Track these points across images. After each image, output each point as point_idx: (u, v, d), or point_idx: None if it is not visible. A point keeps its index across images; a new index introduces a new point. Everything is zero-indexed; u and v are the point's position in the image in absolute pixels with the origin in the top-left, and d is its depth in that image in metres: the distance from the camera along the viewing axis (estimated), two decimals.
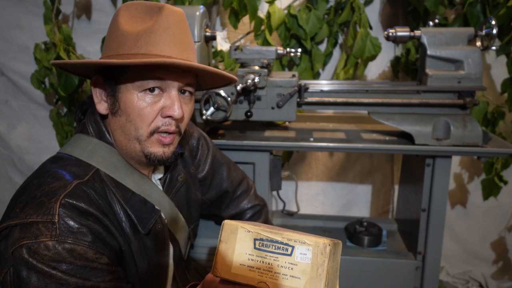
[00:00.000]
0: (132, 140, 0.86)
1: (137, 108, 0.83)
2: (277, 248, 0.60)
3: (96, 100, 0.88)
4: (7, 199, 2.59)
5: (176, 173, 1.04)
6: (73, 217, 0.75)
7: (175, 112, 0.83)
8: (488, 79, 1.97)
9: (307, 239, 0.58)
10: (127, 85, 0.83)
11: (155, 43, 0.81)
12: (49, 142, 2.26)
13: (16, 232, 0.73)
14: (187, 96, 0.89)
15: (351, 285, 1.54)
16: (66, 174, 0.81)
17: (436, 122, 1.36)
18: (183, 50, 0.84)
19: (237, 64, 1.46)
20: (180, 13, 0.85)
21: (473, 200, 2.18)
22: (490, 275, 2.25)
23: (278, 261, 0.59)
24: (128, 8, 0.85)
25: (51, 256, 0.71)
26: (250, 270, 0.60)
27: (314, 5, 1.83)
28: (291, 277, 0.58)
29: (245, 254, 0.61)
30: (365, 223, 1.63)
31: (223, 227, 0.63)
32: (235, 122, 1.60)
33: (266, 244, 0.60)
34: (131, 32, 0.82)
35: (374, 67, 2.02)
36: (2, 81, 2.22)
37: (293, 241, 0.59)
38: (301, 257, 0.58)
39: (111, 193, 0.85)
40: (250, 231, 0.61)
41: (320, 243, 0.58)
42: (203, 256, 1.31)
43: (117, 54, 0.82)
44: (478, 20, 1.67)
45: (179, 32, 0.84)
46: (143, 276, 0.90)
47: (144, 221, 0.89)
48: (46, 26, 1.80)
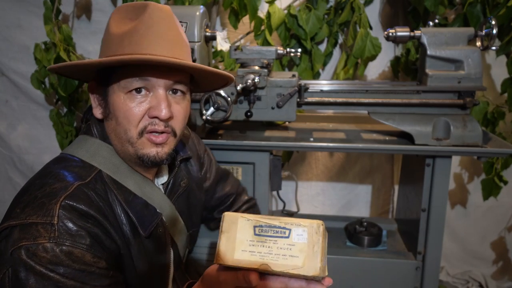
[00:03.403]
0: (125, 144, 0.84)
1: (123, 109, 0.81)
2: (276, 232, 0.65)
3: (93, 105, 0.88)
4: (7, 199, 2.60)
5: (180, 178, 1.03)
6: (73, 219, 0.75)
7: (161, 113, 0.80)
8: (488, 79, 1.97)
9: (302, 222, 0.65)
10: (114, 87, 0.82)
11: (138, 42, 0.79)
12: (49, 142, 2.26)
13: (15, 233, 0.73)
14: (178, 96, 0.86)
15: (351, 285, 1.54)
16: (68, 175, 0.81)
17: (436, 122, 1.36)
18: (170, 47, 0.81)
19: (237, 64, 1.46)
20: (166, 10, 0.83)
21: (473, 200, 2.18)
22: (490, 275, 2.25)
23: (277, 243, 0.65)
24: (118, 11, 0.85)
25: (49, 259, 0.71)
26: (251, 255, 0.65)
27: (314, 5, 1.83)
28: (290, 257, 0.64)
29: (246, 240, 0.66)
30: (365, 223, 1.63)
31: (223, 218, 0.68)
32: (235, 122, 1.60)
33: (265, 229, 0.66)
34: (117, 33, 0.81)
35: (374, 67, 2.02)
36: (2, 81, 2.21)
37: (289, 224, 0.65)
38: (298, 238, 0.64)
39: (113, 194, 0.84)
40: (250, 219, 0.67)
41: (314, 224, 0.65)
42: (203, 257, 1.31)
43: (104, 56, 0.82)
44: (478, 20, 1.67)
45: (165, 30, 0.81)
46: (143, 279, 0.90)
47: (146, 224, 0.88)
48: (46, 26, 1.80)
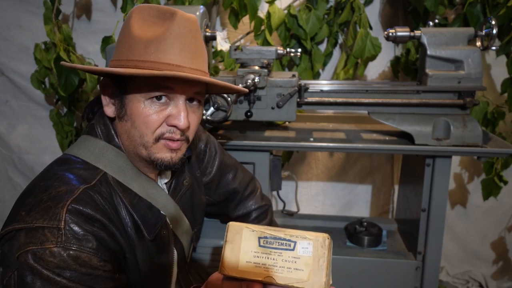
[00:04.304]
0: (138, 146, 0.85)
1: (143, 115, 0.82)
2: (281, 244, 0.64)
3: (104, 102, 0.87)
4: (7, 199, 2.60)
5: (182, 178, 1.03)
6: (79, 223, 0.74)
7: (181, 123, 0.82)
8: (488, 79, 1.97)
9: (307, 235, 0.64)
10: (134, 91, 0.82)
11: (164, 51, 0.79)
12: (49, 142, 2.26)
13: (21, 237, 0.73)
14: (195, 105, 0.87)
15: (351, 285, 1.54)
16: (73, 178, 0.80)
17: (436, 122, 1.36)
18: (193, 58, 0.82)
19: (237, 64, 1.46)
20: (193, 21, 0.83)
21: (473, 200, 2.18)
22: (490, 275, 2.25)
23: (282, 256, 0.64)
24: (141, 12, 0.83)
25: (56, 263, 0.71)
26: (256, 267, 0.64)
27: (314, 5, 1.83)
28: (295, 270, 0.63)
29: (251, 252, 0.65)
30: (365, 223, 1.63)
31: (228, 228, 0.67)
32: (235, 122, 1.60)
33: (270, 241, 0.65)
34: (142, 37, 0.80)
35: (374, 67, 2.02)
36: (2, 81, 2.22)
37: (295, 236, 0.64)
38: (303, 251, 0.63)
39: (118, 197, 0.84)
40: (255, 230, 0.66)
41: (320, 237, 0.64)
42: (206, 257, 1.31)
43: (126, 59, 0.81)
44: (478, 20, 1.67)
45: (191, 40, 0.82)
46: (147, 281, 0.90)
47: (150, 227, 0.88)
48: (46, 26, 1.80)
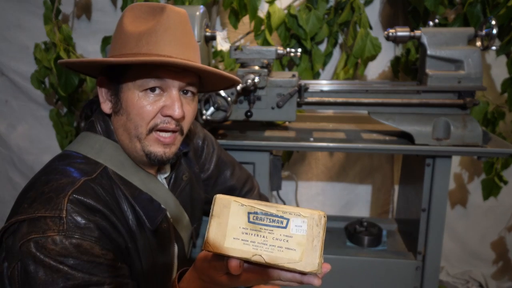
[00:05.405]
0: (133, 139, 0.87)
1: (137, 106, 0.84)
2: (272, 221, 0.59)
3: (101, 99, 0.90)
4: (7, 199, 2.60)
5: (181, 173, 1.05)
6: (81, 212, 0.76)
7: (175, 112, 0.84)
8: (488, 79, 1.97)
9: (302, 211, 0.59)
10: (128, 84, 0.84)
11: (156, 43, 0.82)
12: (49, 142, 2.26)
13: (24, 227, 0.74)
14: (189, 96, 0.89)
15: (351, 285, 1.54)
16: (74, 171, 0.82)
17: (436, 122, 1.36)
18: (184, 50, 0.85)
19: (237, 64, 1.46)
20: (182, 13, 0.86)
21: (473, 200, 2.18)
22: (490, 275, 2.25)
23: (273, 233, 0.59)
24: (132, 9, 0.87)
25: (58, 251, 0.72)
26: (244, 244, 0.59)
27: (314, 5, 1.83)
28: (286, 249, 0.58)
29: (239, 228, 0.60)
30: (365, 223, 1.63)
31: (215, 201, 0.62)
32: (235, 122, 1.60)
33: (260, 217, 0.60)
34: (134, 32, 0.83)
35: (374, 67, 2.03)
36: (2, 81, 2.22)
37: (288, 213, 0.59)
38: (297, 229, 0.58)
39: (119, 190, 0.86)
40: (244, 204, 0.60)
41: (315, 215, 0.58)
42: None
43: (120, 54, 0.84)
44: (478, 20, 1.67)
45: (181, 32, 0.85)
46: (148, 274, 0.91)
47: (152, 218, 0.90)
48: (46, 26, 1.80)
